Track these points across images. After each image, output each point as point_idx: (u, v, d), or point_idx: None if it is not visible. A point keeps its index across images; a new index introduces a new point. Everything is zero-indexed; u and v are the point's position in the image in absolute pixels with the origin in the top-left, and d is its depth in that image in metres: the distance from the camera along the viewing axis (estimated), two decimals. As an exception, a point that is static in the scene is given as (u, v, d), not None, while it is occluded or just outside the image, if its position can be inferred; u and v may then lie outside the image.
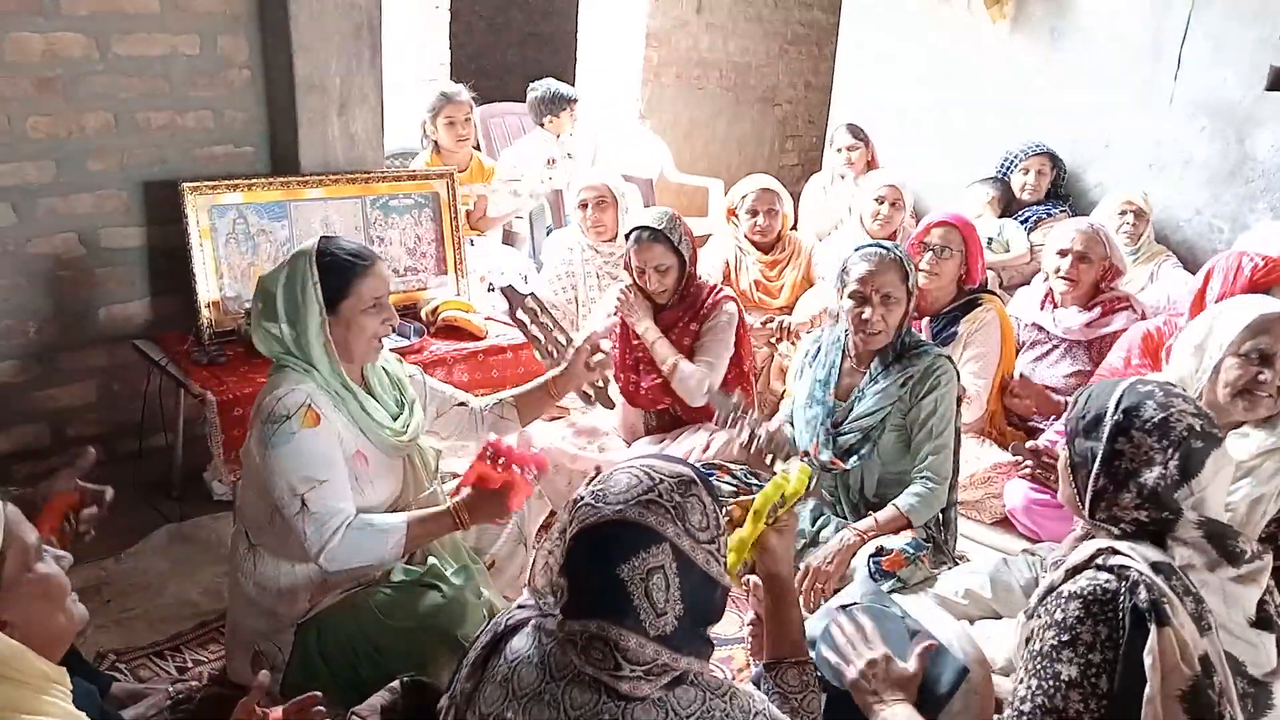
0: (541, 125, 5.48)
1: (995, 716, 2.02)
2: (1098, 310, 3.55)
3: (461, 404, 2.56)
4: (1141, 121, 4.82)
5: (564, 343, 2.75)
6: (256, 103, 3.34)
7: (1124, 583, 1.54)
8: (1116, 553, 1.59)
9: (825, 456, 2.87)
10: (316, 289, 2.12)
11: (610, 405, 3.02)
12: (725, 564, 1.47)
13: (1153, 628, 1.48)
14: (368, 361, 2.27)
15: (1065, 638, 1.54)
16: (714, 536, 1.44)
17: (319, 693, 1.61)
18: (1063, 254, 3.58)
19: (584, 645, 1.38)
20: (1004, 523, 3.36)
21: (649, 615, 1.36)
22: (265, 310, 2.16)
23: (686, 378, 3.11)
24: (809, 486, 1.90)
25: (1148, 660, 1.47)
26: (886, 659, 1.77)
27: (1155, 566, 1.55)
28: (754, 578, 1.88)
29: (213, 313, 3.14)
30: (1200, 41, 4.59)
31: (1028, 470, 2.80)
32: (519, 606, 1.58)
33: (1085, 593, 1.55)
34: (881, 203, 4.35)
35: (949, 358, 2.84)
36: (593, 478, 1.50)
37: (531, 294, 2.81)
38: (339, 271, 2.15)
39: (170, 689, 2.09)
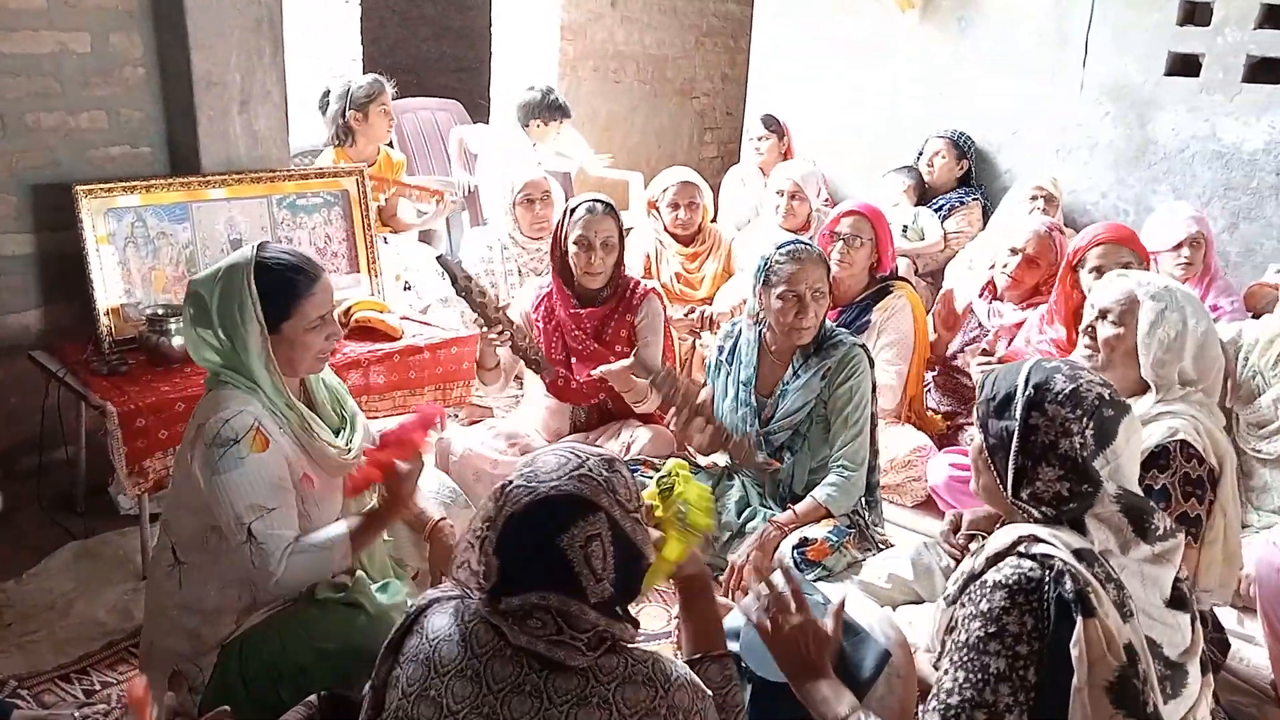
0: (525, 127, 5.30)
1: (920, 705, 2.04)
2: (1031, 312, 3.55)
3: None
4: (1049, 107, 4.92)
5: (499, 309, 2.96)
6: (153, 101, 3.22)
7: (1048, 571, 1.53)
8: (1038, 540, 1.58)
9: (760, 458, 2.88)
10: (257, 309, 1.99)
11: (552, 374, 3.11)
12: (647, 535, 1.52)
13: (1079, 619, 1.47)
14: (315, 373, 2.20)
15: (992, 629, 1.51)
16: (637, 508, 1.49)
17: (226, 707, 1.56)
18: (1014, 252, 3.60)
19: (522, 615, 1.40)
20: (925, 505, 3.41)
21: (589, 581, 1.40)
22: (198, 315, 2.03)
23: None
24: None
25: (1074, 652, 1.47)
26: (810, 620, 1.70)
27: (1078, 554, 1.55)
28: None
29: (112, 320, 3.02)
30: (1103, 29, 4.70)
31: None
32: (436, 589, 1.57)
33: (1010, 582, 1.53)
34: (781, 195, 4.38)
35: (863, 346, 2.89)
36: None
37: (459, 263, 2.96)
38: (282, 291, 2.03)
39: (76, 714, 2.01)
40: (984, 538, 2.23)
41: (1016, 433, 1.65)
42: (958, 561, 2.43)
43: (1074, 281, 3.17)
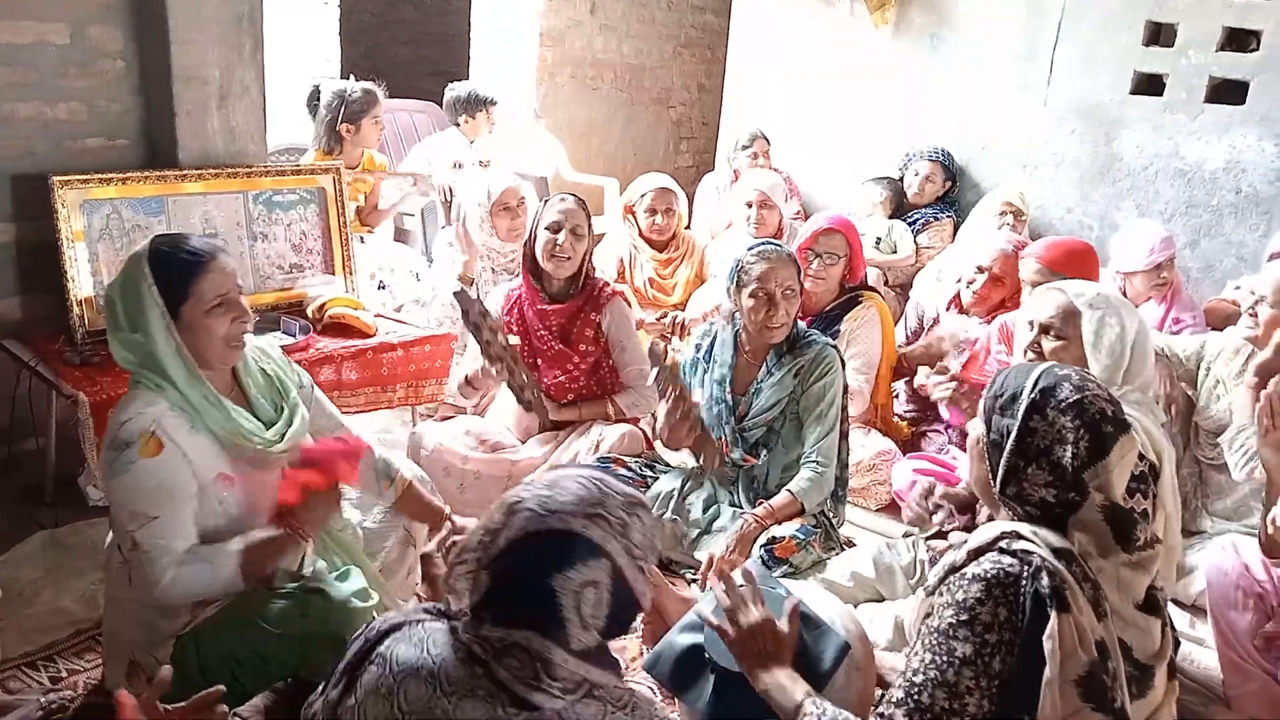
0: (456, 125, 5.38)
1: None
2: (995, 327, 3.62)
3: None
4: (1016, 123, 5.02)
5: (507, 348, 2.92)
6: (131, 94, 3.23)
7: (1026, 567, 1.57)
8: (1020, 537, 1.62)
9: (736, 455, 2.93)
10: (153, 291, 1.96)
11: (544, 415, 3.11)
12: (648, 584, 1.46)
13: (1053, 613, 1.51)
14: (228, 364, 2.12)
15: (964, 617, 1.56)
16: (646, 558, 1.44)
17: (222, 686, 1.54)
18: (980, 270, 3.64)
19: (501, 651, 1.35)
20: (889, 508, 3.46)
21: (574, 628, 1.35)
22: (111, 320, 2.02)
23: (633, 408, 3.23)
24: None
25: (1047, 645, 1.51)
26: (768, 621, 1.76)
27: (1057, 552, 1.59)
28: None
29: (85, 311, 3.02)
30: (1071, 48, 4.80)
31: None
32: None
33: (988, 575, 1.57)
34: (751, 206, 4.42)
35: (835, 347, 2.95)
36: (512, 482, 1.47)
37: (479, 300, 2.92)
38: (176, 272, 1.98)
39: (42, 699, 2.00)
40: (951, 510, 2.29)
41: (1014, 431, 1.68)
42: (922, 523, 2.49)
43: None
